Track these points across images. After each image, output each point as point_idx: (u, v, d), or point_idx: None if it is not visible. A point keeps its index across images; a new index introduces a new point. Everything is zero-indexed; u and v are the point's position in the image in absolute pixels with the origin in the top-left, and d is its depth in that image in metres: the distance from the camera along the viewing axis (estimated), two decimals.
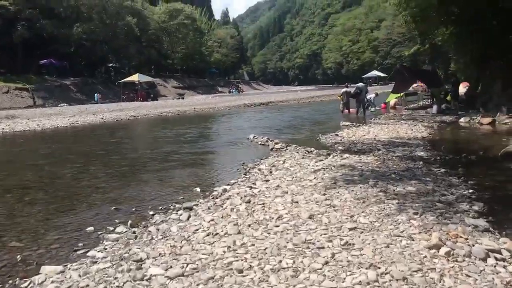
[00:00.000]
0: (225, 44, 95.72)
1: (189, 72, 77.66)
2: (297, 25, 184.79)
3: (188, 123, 19.46)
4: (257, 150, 10.34)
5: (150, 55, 63.45)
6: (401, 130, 12.46)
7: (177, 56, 71.64)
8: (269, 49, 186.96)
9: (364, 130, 12.85)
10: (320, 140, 11.43)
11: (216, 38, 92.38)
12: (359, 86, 19.78)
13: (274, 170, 7.38)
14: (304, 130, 14.63)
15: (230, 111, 27.27)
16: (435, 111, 17.81)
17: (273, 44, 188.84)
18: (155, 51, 65.73)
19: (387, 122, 15.48)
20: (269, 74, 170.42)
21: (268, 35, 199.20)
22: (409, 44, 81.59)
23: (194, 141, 12.75)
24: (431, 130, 12.75)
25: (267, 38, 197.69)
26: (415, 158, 8.24)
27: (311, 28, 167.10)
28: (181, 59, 72.74)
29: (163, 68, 71.15)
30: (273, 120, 19.57)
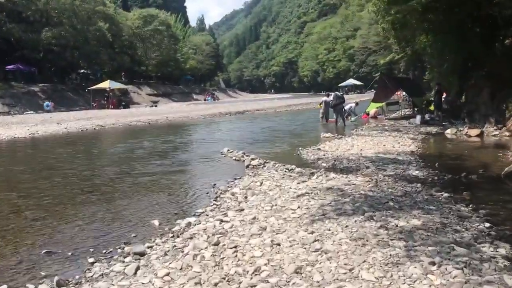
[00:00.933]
0: (200, 51, 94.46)
1: (164, 79, 76.04)
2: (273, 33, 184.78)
3: (158, 133, 18.18)
4: (231, 167, 9.20)
5: (123, 61, 61.71)
6: (387, 144, 11.53)
7: (151, 63, 70.00)
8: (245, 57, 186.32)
9: (347, 143, 11.87)
10: (301, 155, 10.37)
11: (191, 44, 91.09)
12: (339, 95, 18.91)
13: (250, 195, 6.26)
14: (283, 142, 13.57)
15: (204, 120, 26.07)
16: (418, 122, 17.04)
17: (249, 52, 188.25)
18: (128, 58, 64.02)
19: (370, 134, 14.57)
20: (246, 81, 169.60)
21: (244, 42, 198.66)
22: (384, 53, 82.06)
23: (161, 155, 11.50)
24: (418, 143, 11.87)
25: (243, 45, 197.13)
26: (410, 179, 7.26)
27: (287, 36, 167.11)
28: (155, 65, 71.14)
29: (137, 75, 69.40)
30: (249, 130, 18.47)
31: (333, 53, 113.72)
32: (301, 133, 16.48)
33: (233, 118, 26.92)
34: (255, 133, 16.94)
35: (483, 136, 13.40)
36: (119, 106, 40.91)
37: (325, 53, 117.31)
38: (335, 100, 18.60)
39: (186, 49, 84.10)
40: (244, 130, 18.71)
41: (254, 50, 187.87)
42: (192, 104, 50.32)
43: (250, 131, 18.21)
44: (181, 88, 77.40)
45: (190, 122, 24.36)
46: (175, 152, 12.15)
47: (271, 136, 15.80)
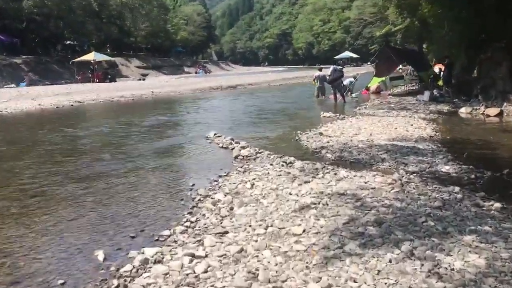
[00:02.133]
0: (192, 21, 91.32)
1: (154, 51, 73.48)
2: (267, 4, 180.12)
3: (140, 112, 16.48)
4: (216, 159, 7.60)
5: (111, 32, 59.15)
6: (399, 126, 9.95)
7: (141, 34, 67.26)
8: (239, 28, 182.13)
9: (352, 126, 10.28)
10: (300, 141, 8.79)
11: (182, 15, 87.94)
12: (337, 69, 17.20)
13: (237, 205, 4.70)
14: (278, 123, 11.97)
15: (193, 95, 24.31)
16: (426, 99, 15.46)
17: (242, 23, 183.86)
18: (116, 28, 61.40)
19: (376, 113, 12.99)
20: (239, 54, 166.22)
21: (238, 13, 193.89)
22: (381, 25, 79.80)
23: (134, 141, 9.77)
24: (433, 126, 10.31)
25: (236, 16, 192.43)
26: (441, 177, 5.74)
27: (281, 7, 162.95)
28: (144, 37, 68.49)
29: (126, 47, 66.82)
30: (241, 108, 16.81)
31: (328, 25, 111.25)
32: (298, 111, 14.86)
33: (224, 93, 25.18)
34: (247, 112, 15.29)
35: (503, 116, 11.91)
36: (105, 80, 38.75)
37: (320, 24, 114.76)
38: (332, 75, 16.93)
39: (176, 20, 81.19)
40: (236, 108, 17.05)
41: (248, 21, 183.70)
42: (183, 77, 48.22)
43: (242, 109, 16.56)
44: (171, 60, 74.91)
45: (178, 98, 22.59)
46: (152, 137, 10.44)
47: (265, 115, 14.18)
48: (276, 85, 31.95)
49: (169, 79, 43.32)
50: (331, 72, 16.77)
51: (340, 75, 16.83)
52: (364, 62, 74.70)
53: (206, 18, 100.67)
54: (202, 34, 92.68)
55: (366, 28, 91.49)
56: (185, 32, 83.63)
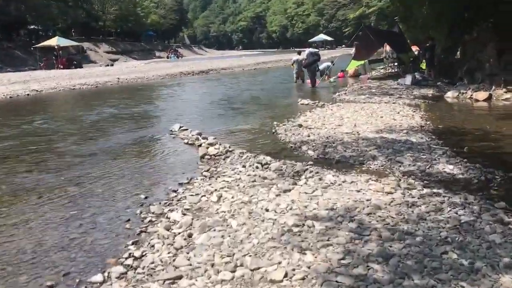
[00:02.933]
0: (162, 4, 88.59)
1: (124, 35, 70.88)
2: None
3: (100, 101, 15.06)
4: (179, 159, 6.46)
5: (77, 16, 56.54)
6: (384, 115, 9.01)
7: (109, 18, 64.63)
8: (212, 12, 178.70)
9: (334, 115, 9.29)
10: (277, 135, 7.74)
11: None
12: (312, 52, 16.17)
13: (198, 231, 3.62)
14: (253, 113, 10.88)
15: (162, 81, 22.90)
16: (409, 82, 14.58)
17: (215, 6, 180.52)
18: (83, 12, 58.77)
19: (357, 99, 12.04)
20: (212, 37, 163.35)
21: None
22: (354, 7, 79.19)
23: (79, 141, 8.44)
24: (421, 113, 9.42)
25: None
26: (446, 180, 4.81)
27: None
28: (114, 21, 65.93)
29: (94, 31, 64.11)
30: (212, 96, 15.60)
31: (302, 7, 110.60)
32: (274, 98, 13.76)
33: (196, 79, 23.85)
34: (219, 100, 14.12)
35: (492, 101, 11.13)
36: (70, 66, 36.70)
37: (294, 7, 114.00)
38: (308, 58, 15.92)
39: (146, 3, 78.54)
40: (207, 95, 15.82)
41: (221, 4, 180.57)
42: (153, 62, 46.32)
43: (214, 96, 15.36)
44: (142, 45, 72.53)
45: (145, 85, 21.17)
46: (108, 132, 9.14)
47: (238, 103, 13.07)
48: (250, 69, 30.72)
49: (138, 64, 41.50)
50: (307, 55, 15.79)
51: (315, 59, 15.82)
52: (339, 45, 74.10)
53: (178, 1, 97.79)
54: (173, 18, 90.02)
55: (339, 10, 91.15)
56: (155, 15, 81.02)
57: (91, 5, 61.92)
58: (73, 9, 55.52)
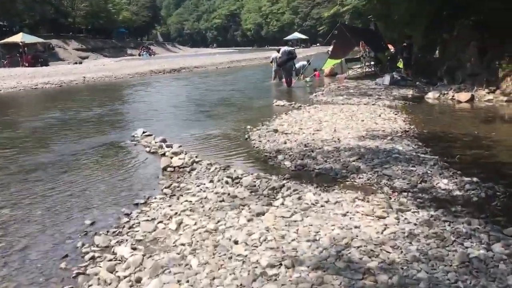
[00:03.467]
0: (135, 1, 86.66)
1: (95, 32, 68.90)
2: None
3: (61, 100, 14.04)
4: (138, 172, 5.67)
5: (45, 12, 54.63)
6: (365, 118, 8.42)
7: (79, 14, 62.67)
8: (185, 9, 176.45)
9: (312, 118, 8.65)
10: (251, 141, 7.03)
11: None
12: (287, 51, 15.53)
13: (149, 273, 2.88)
14: (225, 116, 10.12)
15: (131, 80, 21.87)
16: (387, 82, 14.10)
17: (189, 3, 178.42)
18: (52, 8, 56.83)
19: (335, 100, 11.45)
20: (186, 35, 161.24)
21: None
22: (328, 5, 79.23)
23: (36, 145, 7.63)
24: (404, 115, 8.89)
25: None
26: (444, 198, 4.20)
27: None
28: (84, 17, 64.00)
29: (63, 28, 62.06)
30: (182, 96, 14.77)
31: (277, 5, 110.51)
32: (248, 99, 13.04)
33: (167, 78, 22.90)
34: (190, 101, 13.33)
35: (474, 102, 10.72)
36: (36, 64, 35.11)
37: (269, 5, 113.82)
38: (283, 56, 15.28)
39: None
40: (176, 96, 14.96)
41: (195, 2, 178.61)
42: (124, 60, 44.91)
43: (184, 96, 14.55)
44: (113, 42, 70.71)
45: (113, 84, 20.12)
46: (61, 139, 8.15)
47: (209, 105, 12.29)
48: (224, 68, 29.93)
49: (108, 62, 40.10)
50: (281, 53, 15.14)
51: (290, 57, 15.18)
52: (314, 43, 73.95)
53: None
54: (146, 15, 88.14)
55: (314, 9, 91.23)
56: (127, 12, 79.23)
57: (60, 0, 59.93)
58: (40, 5, 53.64)
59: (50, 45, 50.38)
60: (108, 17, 69.41)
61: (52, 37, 53.71)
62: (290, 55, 15.16)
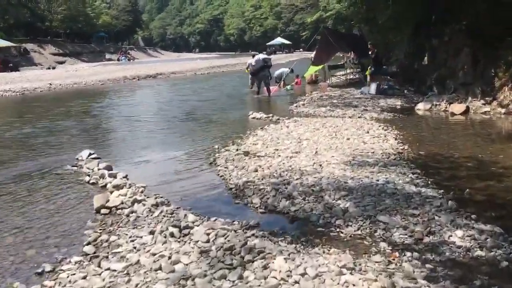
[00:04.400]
0: (115, 5, 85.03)
1: (73, 36, 67.09)
2: None
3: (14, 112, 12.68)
4: (64, 213, 4.41)
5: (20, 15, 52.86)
6: (351, 135, 7.32)
7: (57, 18, 60.83)
8: (168, 13, 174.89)
9: (290, 135, 7.50)
10: (216, 167, 5.84)
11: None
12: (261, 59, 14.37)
13: None
14: (192, 132, 8.91)
15: (101, 87, 20.49)
16: (373, 92, 13.07)
17: (172, 8, 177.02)
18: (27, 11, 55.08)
19: (317, 112, 10.36)
20: (169, 40, 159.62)
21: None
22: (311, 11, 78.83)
23: None
24: (395, 132, 7.80)
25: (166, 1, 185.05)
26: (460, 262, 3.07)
27: None
28: (62, 21, 62.24)
29: (40, 32, 60.26)
30: (150, 106, 13.50)
31: (260, 11, 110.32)
32: (222, 111, 11.81)
33: (141, 84, 21.59)
34: (157, 113, 12.08)
35: (469, 114, 9.74)
36: (5, 69, 33.42)
37: (252, 10, 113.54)
38: (257, 64, 14.17)
39: (98, 3, 75.02)
40: (144, 107, 13.66)
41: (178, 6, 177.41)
42: (101, 65, 43.28)
43: (152, 107, 13.29)
44: (92, 46, 68.88)
45: (80, 92, 18.71)
46: None
47: (178, 117, 11.05)
48: (203, 73, 28.70)
49: (83, 67, 38.46)
50: (255, 62, 14.01)
51: (264, 66, 14.05)
52: (297, 49, 73.17)
53: (131, 2, 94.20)
54: (126, 19, 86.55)
55: (297, 14, 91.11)
56: (107, 16, 77.54)
57: (37, 4, 58.13)
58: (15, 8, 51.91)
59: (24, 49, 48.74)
60: (87, 21, 67.92)
61: (28, 41, 52.02)
62: (264, 63, 14.04)
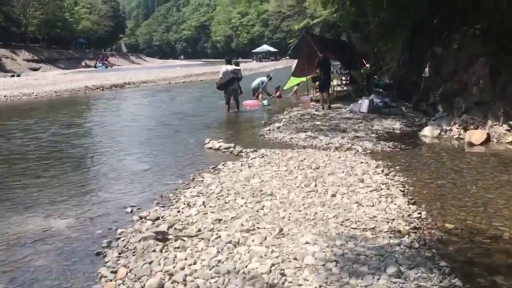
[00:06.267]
0: (97, 10, 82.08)
1: (51, 42, 64.23)
2: None
3: None
4: None
5: None
6: (339, 185, 4.90)
7: (33, 22, 57.91)
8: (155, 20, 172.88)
9: (251, 184, 5.05)
10: (103, 266, 3.36)
11: (85, 2, 78.41)
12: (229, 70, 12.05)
13: None
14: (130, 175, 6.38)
15: (54, 99, 17.86)
16: (365, 110, 10.73)
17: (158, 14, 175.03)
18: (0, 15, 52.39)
19: (295, 140, 7.95)
20: (155, 46, 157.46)
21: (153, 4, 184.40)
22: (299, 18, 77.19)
23: None
24: (401, 179, 5.40)
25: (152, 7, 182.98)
26: None
27: None
28: (37, 26, 59.35)
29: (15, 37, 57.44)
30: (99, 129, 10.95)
31: (247, 17, 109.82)
32: (171, 137, 9.21)
33: (102, 96, 19.01)
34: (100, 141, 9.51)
35: (489, 143, 7.45)
36: None
37: (239, 17, 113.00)
38: (224, 77, 11.88)
39: (78, 8, 72.22)
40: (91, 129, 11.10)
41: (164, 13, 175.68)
42: (72, 72, 40.31)
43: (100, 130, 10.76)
44: (70, 53, 66.12)
45: (24, 104, 16.02)
46: None
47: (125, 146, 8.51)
48: (178, 83, 26.23)
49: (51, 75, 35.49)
50: (223, 74, 11.72)
51: (232, 78, 11.72)
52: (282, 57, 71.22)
53: (113, 7, 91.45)
54: (108, 24, 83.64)
55: (284, 21, 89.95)
56: (88, 21, 74.62)
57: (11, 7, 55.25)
58: None
59: None
60: (66, 26, 65.06)
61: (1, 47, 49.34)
62: (231, 76, 11.71)
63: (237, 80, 11.84)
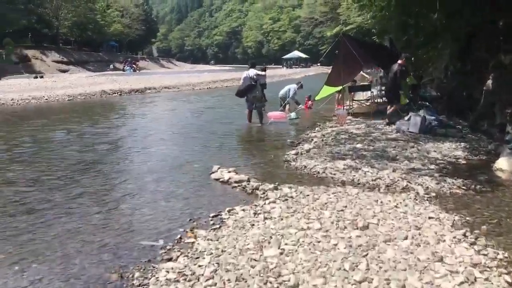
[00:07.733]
0: (129, 13, 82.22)
1: (83, 44, 64.39)
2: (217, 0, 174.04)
3: None
4: None
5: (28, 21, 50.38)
6: (407, 282, 2.99)
7: (65, 25, 58.05)
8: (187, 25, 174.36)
9: (262, 260, 3.22)
10: None
11: (117, 6, 78.67)
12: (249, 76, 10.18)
13: None
14: (79, 234, 4.66)
15: (65, 104, 16.53)
16: (415, 130, 8.69)
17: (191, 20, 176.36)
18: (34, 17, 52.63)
19: (329, 172, 6.04)
20: (187, 51, 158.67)
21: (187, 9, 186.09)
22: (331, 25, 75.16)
23: None
24: (499, 255, 3.44)
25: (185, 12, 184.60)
26: None
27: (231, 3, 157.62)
28: (69, 28, 59.49)
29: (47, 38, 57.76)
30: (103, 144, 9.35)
31: (278, 23, 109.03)
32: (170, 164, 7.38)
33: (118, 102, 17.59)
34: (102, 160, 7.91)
35: None
36: None
37: (270, 23, 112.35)
38: (243, 83, 10.06)
39: (110, 11, 72.45)
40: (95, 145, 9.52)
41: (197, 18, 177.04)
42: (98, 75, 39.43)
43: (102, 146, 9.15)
44: (100, 55, 66.08)
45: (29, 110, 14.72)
46: None
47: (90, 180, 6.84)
48: (202, 88, 24.70)
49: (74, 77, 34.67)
50: (243, 79, 9.88)
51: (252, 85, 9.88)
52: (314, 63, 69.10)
53: (146, 11, 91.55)
54: (140, 28, 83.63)
55: (316, 27, 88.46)
56: (119, 24, 74.69)
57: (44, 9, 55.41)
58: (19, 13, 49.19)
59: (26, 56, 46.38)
60: (97, 29, 65.08)
61: (32, 48, 49.48)
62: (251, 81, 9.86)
63: (257, 87, 9.95)
